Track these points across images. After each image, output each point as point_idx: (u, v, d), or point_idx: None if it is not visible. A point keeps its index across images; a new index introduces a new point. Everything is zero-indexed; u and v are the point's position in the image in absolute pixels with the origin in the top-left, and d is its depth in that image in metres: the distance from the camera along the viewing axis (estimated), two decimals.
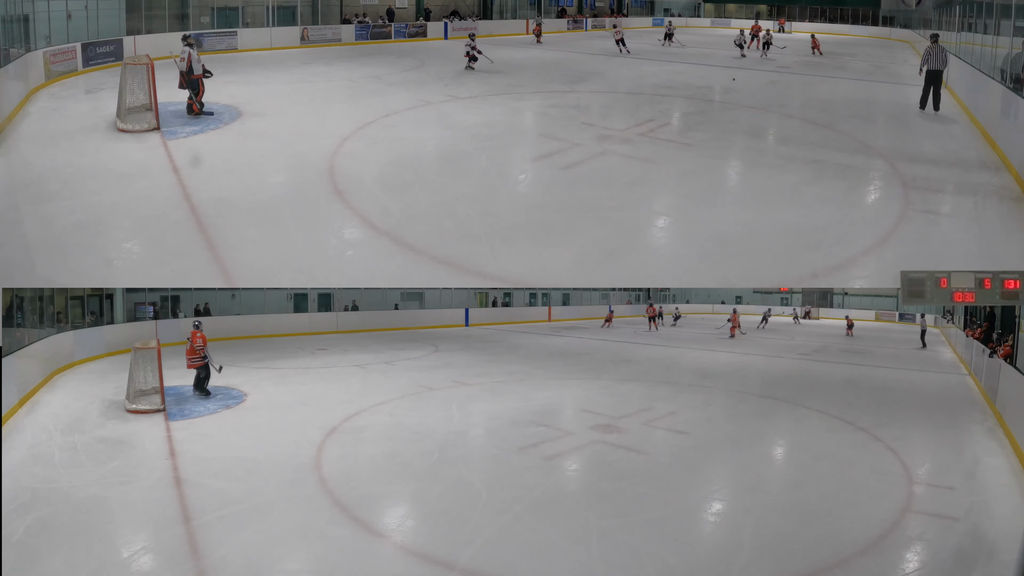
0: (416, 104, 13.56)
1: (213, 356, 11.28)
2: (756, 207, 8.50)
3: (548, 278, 7.21)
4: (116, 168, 9.35)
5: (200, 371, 11.22)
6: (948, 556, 5.81)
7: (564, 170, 9.59)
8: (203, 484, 7.10)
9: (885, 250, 7.36)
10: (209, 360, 11.21)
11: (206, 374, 11.23)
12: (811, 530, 6.18)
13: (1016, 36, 10.96)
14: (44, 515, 6.26)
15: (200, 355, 11.15)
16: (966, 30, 15.48)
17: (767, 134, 12.37)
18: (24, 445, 8.34)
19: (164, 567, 5.38)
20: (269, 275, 7.08)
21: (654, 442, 9.11)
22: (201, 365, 11.19)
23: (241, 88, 14.66)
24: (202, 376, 11.22)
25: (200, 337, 11.21)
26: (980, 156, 10.54)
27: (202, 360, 11.17)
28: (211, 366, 11.20)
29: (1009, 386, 9.87)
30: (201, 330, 11.36)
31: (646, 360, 17.57)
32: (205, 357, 11.18)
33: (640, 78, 17.70)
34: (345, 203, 8.30)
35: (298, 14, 24.92)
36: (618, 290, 35.38)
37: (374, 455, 8.19)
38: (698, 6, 42.86)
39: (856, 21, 37.33)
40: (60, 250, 7.03)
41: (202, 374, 11.22)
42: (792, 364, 17.21)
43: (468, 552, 5.61)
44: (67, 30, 17.35)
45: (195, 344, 11.15)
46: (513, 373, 14.45)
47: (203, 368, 11.21)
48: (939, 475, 7.88)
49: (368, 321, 23.55)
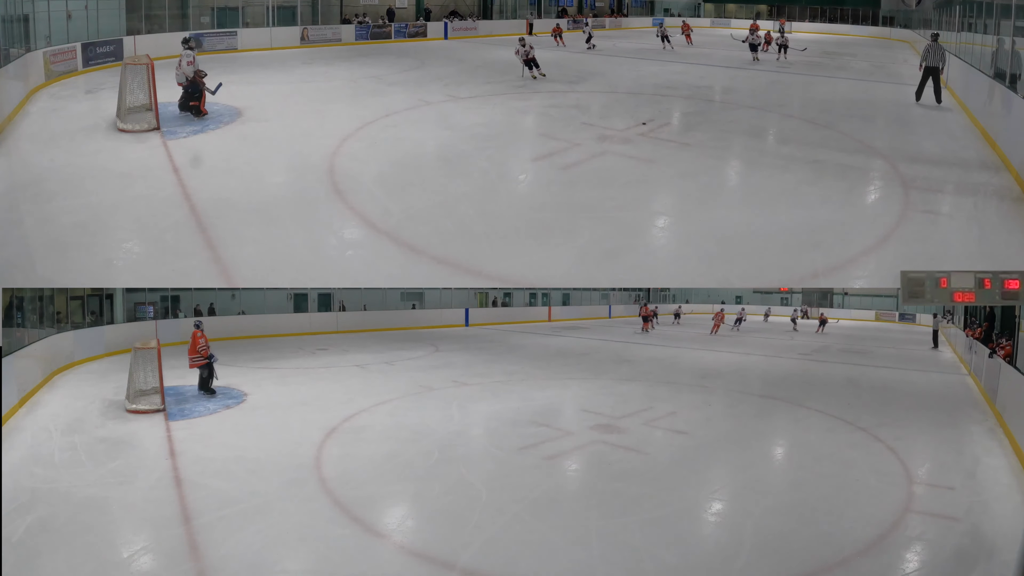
0: (416, 104, 13.56)
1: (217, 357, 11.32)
2: (756, 207, 8.50)
3: (548, 278, 7.21)
4: (116, 168, 9.35)
5: (203, 371, 11.22)
6: (948, 556, 5.80)
7: (564, 170, 9.59)
8: (203, 484, 7.10)
9: (885, 250, 7.36)
10: (212, 357, 11.22)
11: (209, 373, 11.23)
12: (811, 530, 6.18)
13: (1016, 36, 10.96)
14: (44, 515, 6.25)
15: (204, 355, 11.15)
16: (966, 30, 15.48)
17: (767, 134, 12.37)
18: (24, 445, 8.34)
19: (164, 567, 5.38)
20: (269, 275, 7.08)
21: (654, 442, 9.11)
22: (203, 364, 11.19)
23: (241, 88, 14.66)
24: (205, 376, 11.23)
25: (202, 337, 11.21)
26: (980, 156, 10.54)
27: (204, 360, 11.17)
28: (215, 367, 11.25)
29: (1009, 386, 9.87)
30: (202, 330, 11.37)
31: (646, 360, 17.57)
32: (211, 357, 11.19)
33: (640, 78, 17.70)
34: (345, 203, 8.30)
35: (298, 14, 24.91)
36: (618, 290, 35.39)
37: (374, 455, 8.19)
38: (698, 6, 42.86)
39: (856, 21, 37.33)
40: (60, 250, 7.03)
41: (204, 374, 11.22)
42: (792, 364, 17.21)
43: (468, 552, 5.61)
44: (67, 30, 17.34)
45: (197, 345, 11.14)
46: (513, 373, 14.45)
47: (206, 368, 11.21)
48: (939, 475, 7.88)
49: (368, 321, 23.55)
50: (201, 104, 12.06)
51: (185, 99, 12.07)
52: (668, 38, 24.86)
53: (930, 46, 13.55)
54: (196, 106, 12.01)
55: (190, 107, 12.00)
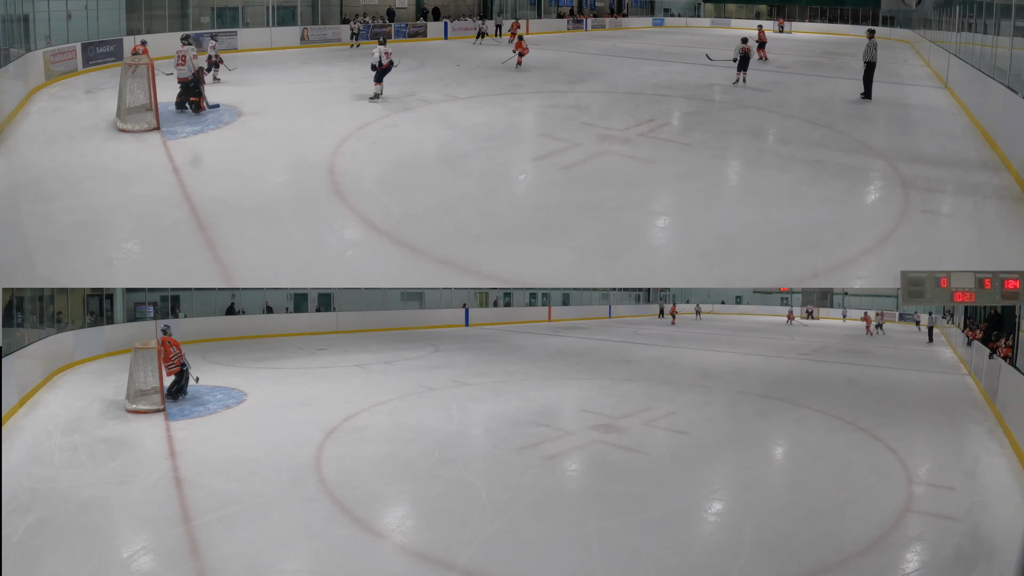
0: (416, 104, 13.56)
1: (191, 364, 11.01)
2: (756, 207, 8.50)
3: (548, 278, 7.20)
4: (116, 168, 9.35)
5: (178, 377, 10.88)
6: (948, 556, 5.80)
7: (564, 170, 9.59)
8: (203, 484, 7.10)
9: (885, 250, 7.35)
10: (187, 367, 10.93)
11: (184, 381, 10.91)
12: (811, 530, 6.18)
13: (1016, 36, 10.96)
14: (44, 515, 6.25)
15: (177, 363, 10.85)
16: (966, 30, 15.49)
17: (767, 134, 12.37)
18: (24, 445, 8.34)
19: (164, 567, 5.37)
20: (269, 275, 7.08)
21: (654, 442, 9.11)
22: (178, 372, 10.89)
23: (241, 88, 14.68)
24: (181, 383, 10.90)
25: (173, 345, 10.85)
26: (980, 156, 10.54)
27: (179, 367, 10.89)
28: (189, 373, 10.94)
29: (1009, 386, 9.87)
30: (171, 335, 11.02)
31: (646, 360, 17.58)
32: (183, 365, 10.90)
33: (640, 78, 17.71)
34: (345, 203, 8.30)
35: (298, 14, 24.93)
36: (618, 290, 35.40)
37: (374, 455, 8.19)
38: (698, 6, 42.88)
39: (856, 21, 37.36)
40: (60, 250, 7.02)
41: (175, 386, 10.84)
42: (792, 364, 17.21)
43: (468, 552, 5.61)
44: (67, 30, 17.35)
45: (169, 354, 10.76)
46: (513, 373, 14.45)
47: (181, 375, 10.90)
48: (939, 475, 7.88)
49: (368, 321, 23.56)
50: (201, 101, 12.06)
51: (185, 95, 12.07)
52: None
53: (869, 43, 14.63)
54: (196, 102, 12.01)
55: (190, 103, 11.99)
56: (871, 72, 14.74)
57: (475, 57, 21.45)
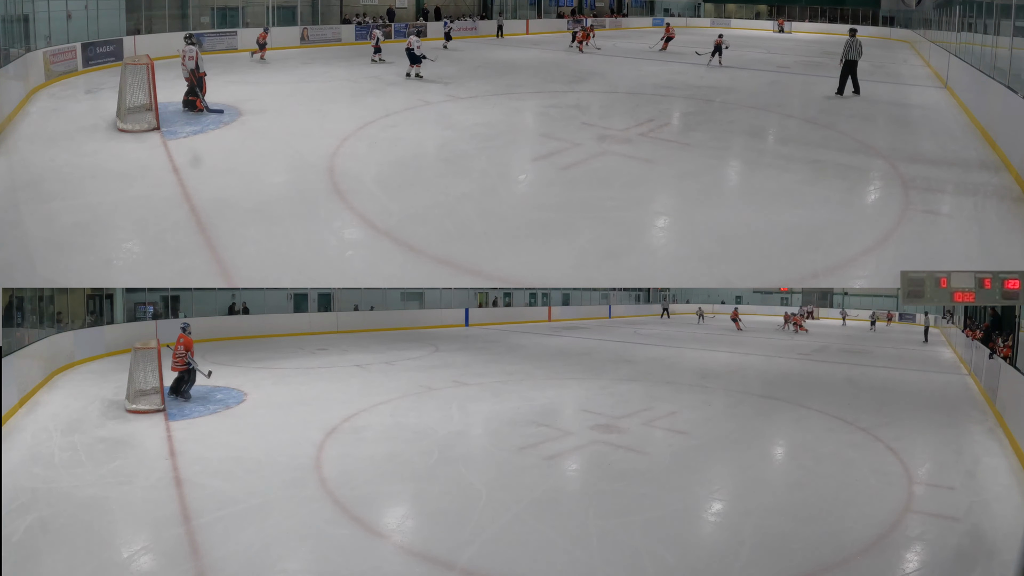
0: (416, 104, 13.56)
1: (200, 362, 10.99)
2: (756, 207, 8.49)
3: (548, 278, 7.19)
4: (116, 168, 9.35)
5: (183, 375, 10.89)
6: (948, 556, 5.80)
7: (564, 170, 9.58)
8: (203, 484, 7.10)
9: (885, 250, 7.35)
10: (194, 365, 10.93)
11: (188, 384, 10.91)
12: (811, 530, 6.18)
13: (1016, 36, 10.96)
14: (44, 515, 6.25)
15: (182, 362, 10.87)
16: (966, 30, 15.49)
17: (767, 134, 12.36)
18: (24, 445, 8.33)
19: (164, 567, 5.37)
20: (269, 275, 7.08)
21: (654, 442, 9.11)
22: (185, 369, 10.90)
23: (241, 88, 14.67)
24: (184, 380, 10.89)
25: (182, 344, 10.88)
26: (980, 156, 10.54)
27: (185, 365, 10.90)
28: (198, 371, 10.95)
29: (1009, 386, 9.87)
30: (189, 333, 11.11)
31: (646, 360, 17.58)
32: (189, 363, 10.90)
33: (640, 78, 17.70)
34: (345, 203, 8.29)
35: (298, 14, 24.93)
36: (618, 290, 35.40)
37: (374, 455, 8.19)
38: (698, 6, 42.90)
39: (856, 21, 37.30)
40: (60, 250, 7.02)
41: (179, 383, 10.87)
42: (792, 364, 17.21)
43: (468, 552, 5.61)
44: (67, 30, 17.35)
45: (177, 351, 10.83)
46: (513, 373, 14.45)
47: (187, 372, 10.90)
48: (939, 475, 7.88)
49: (368, 321, 23.56)
50: (198, 101, 12.06)
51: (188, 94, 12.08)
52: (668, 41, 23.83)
53: (849, 41, 14.59)
54: (193, 101, 12.02)
55: (189, 101, 12.00)
56: (853, 70, 14.79)
57: (475, 57, 21.45)
